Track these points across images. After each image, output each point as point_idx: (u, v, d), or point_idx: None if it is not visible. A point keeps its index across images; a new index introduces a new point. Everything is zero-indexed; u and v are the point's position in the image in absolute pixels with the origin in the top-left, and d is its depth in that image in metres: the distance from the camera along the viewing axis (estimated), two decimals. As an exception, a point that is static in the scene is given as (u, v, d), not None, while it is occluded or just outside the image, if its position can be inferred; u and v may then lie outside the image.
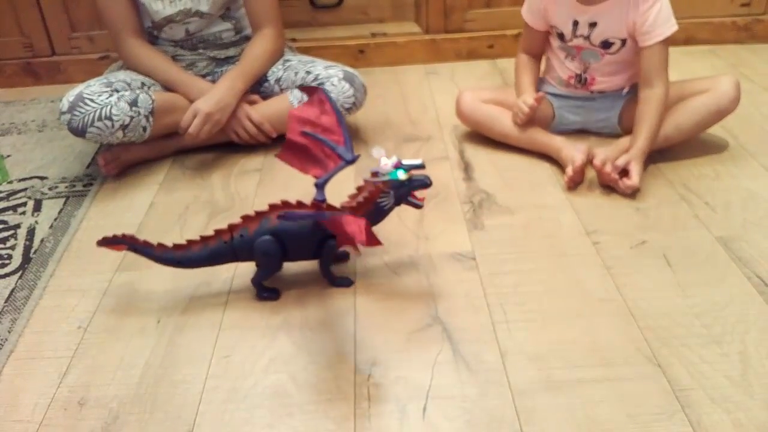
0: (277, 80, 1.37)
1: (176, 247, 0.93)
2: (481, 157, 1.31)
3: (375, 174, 0.91)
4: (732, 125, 1.34)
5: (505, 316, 0.90)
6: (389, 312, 0.93)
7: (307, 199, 0.92)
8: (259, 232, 0.91)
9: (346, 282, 0.98)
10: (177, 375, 0.84)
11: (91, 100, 1.22)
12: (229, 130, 1.33)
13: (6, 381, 0.86)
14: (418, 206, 0.93)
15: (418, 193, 0.93)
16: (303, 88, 0.97)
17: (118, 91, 1.26)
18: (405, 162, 0.91)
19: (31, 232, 1.16)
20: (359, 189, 0.94)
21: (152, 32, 1.38)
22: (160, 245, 0.93)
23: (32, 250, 1.11)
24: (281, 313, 0.93)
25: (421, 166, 0.91)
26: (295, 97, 1.32)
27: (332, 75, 1.31)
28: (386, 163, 0.90)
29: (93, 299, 0.99)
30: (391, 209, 0.93)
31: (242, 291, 0.98)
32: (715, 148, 1.28)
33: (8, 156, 1.42)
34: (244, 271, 0.99)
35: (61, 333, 0.93)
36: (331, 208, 0.92)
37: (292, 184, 1.25)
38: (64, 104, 1.22)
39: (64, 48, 1.76)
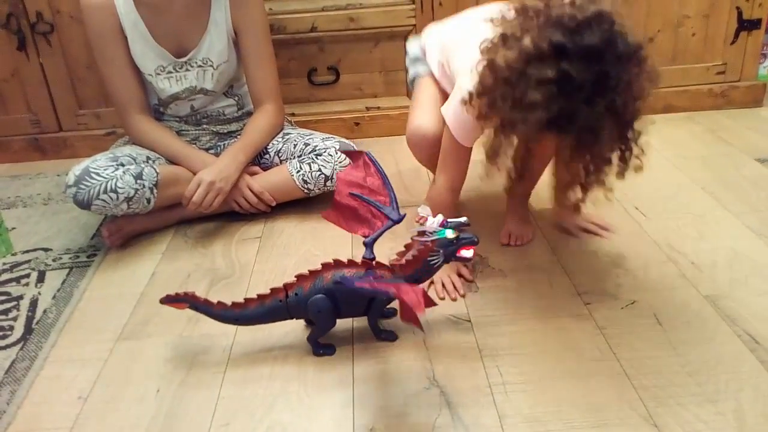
0: (277, 152, 1.44)
1: (234, 305, 0.96)
2: (473, 220, 1.34)
3: (422, 233, 0.93)
4: (714, 187, 1.39)
5: (502, 378, 0.91)
6: (387, 376, 0.93)
7: (305, 266, 0.95)
8: (314, 291, 0.94)
9: (391, 336, 1.00)
10: (176, 444, 0.85)
11: (97, 174, 1.26)
12: (230, 199, 1.37)
13: (3, 455, 0.85)
14: (467, 260, 0.95)
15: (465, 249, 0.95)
16: (346, 152, 1.00)
17: (123, 165, 1.30)
18: (450, 221, 0.93)
19: (33, 303, 1.18)
20: (407, 246, 0.97)
21: (158, 108, 1.45)
22: (220, 303, 0.96)
23: (34, 321, 1.12)
24: (278, 379, 0.94)
25: (466, 224, 0.93)
26: (293, 168, 1.37)
27: (329, 146, 1.37)
28: (432, 221, 0.93)
29: (94, 369, 0.99)
30: (440, 266, 0.95)
31: (240, 359, 0.99)
32: (699, 208, 1.33)
33: (13, 228, 1.45)
34: (242, 338, 1.01)
35: (61, 404, 0.93)
36: (380, 265, 0.95)
37: (292, 251, 1.28)
38: (71, 178, 1.26)
39: (71, 124, 1.80)
